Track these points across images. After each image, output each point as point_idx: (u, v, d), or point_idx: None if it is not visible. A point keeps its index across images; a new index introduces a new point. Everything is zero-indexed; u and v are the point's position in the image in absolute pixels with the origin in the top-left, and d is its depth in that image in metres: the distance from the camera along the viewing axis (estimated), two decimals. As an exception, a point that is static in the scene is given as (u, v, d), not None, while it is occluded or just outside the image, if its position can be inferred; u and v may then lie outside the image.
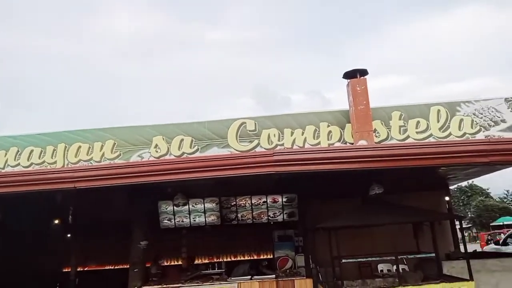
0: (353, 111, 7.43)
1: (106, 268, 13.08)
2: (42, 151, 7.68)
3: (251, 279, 6.87)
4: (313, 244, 7.78)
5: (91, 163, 7.47)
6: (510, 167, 7.35)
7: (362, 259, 6.45)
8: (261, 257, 10.33)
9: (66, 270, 11.45)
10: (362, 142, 6.76)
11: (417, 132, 7.65)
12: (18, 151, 7.72)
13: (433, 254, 6.28)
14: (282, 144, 7.62)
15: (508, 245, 12.98)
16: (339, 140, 7.53)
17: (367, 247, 7.81)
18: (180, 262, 11.93)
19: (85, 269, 12.61)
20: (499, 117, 7.71)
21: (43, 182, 4.96)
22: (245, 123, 7.80)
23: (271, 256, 9.72)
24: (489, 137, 7.17)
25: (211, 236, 12.44)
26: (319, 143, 7.69)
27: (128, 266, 11.48)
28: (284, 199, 8.01)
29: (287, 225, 9.13)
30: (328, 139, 7.65)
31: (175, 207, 7.75)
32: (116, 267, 13.02)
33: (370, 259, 6.42)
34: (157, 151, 7.73)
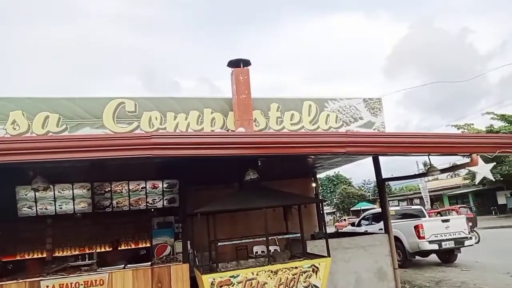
0: (236, 99, 7.66)
1: None
2: None
3: (124, 267, 6.53)
4: (192, 229, 7.83)
5: None
6: (365, 158, 8.61)
7: (237, 241, 6.73)
8: (139, 245, 9.96)
9: None
10: (241, 130, 7.03)
11: (291, 124, 8.31)
12: None
13: (299, 235, 6.93)
14: (164, 128, 7.41)
15: (361, 226, 15.21)
16: (222, 127, 7.69)
17: (243, 230, 8.21)
18: (44, 255, 10.71)
19: None
20: (358, 115, 8.93)
21: None
22: (124, 103, 7.32)
23: (149, 244, 9.45)
24: (347, 131, 8.26)
25: (82, 225, 11.49)
26: (202, 129, 7.72)
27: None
28: (165, 185, 7.82)
29: (167, 212, 8.97)
30: (211, 126, 7.74)
31: (36, 193, 6.87)
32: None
33: (244, 241, 6.74)
34: (15, 128, 6.68)
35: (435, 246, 11.15)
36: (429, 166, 7.02)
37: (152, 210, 8.92)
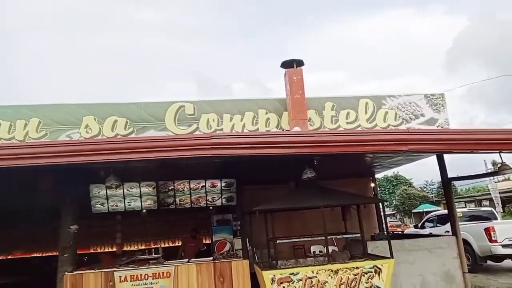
0: (290, 99, 7.71)
1: (33, 255, 12.36)
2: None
3: (188, 261, 6.88)
4: (250, 227, 8.01)
5: (13, 142, 6.88)
6: (427, 157, 8.19)
7: (295, 240, 6.78)
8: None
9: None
10: (297, 129, 7.06)
11: (347, 123, 8.16)
12: None
13: (359, 235, 6.79)
14: (221, 129, 7.67)
15: (425, 228, 14.45)
16: (276, 127, 7.78)
17: (300, 229, 8.23)
18: (114, 249, 11.63)
19: (9, 257, 11.82)
20: (419, 111, 8.51)
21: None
22: (184, 106, 7.71)
23: (210, 241, 9.84)
24: (408, 129, 7.92)
25: (148, 221, 12.31)
26: (257, 130, 7.87)
27: (57, 253, 10.96)
28: (223, 184, 8.07)
29: (225, 209, 9.28)
30: (266, 126, 7.86)
31: (108, 191, 7.46)
32: (44, 254, 12.34)
33: (302, 239, 6.77)
34: (87, 132, 7.34)
35: (510, 251, 10.25)
36: (500, 164, 6.50)
37: (211, 208, 9.30)
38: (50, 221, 11.84)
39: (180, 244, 10.18)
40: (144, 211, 8.37)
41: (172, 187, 7.92)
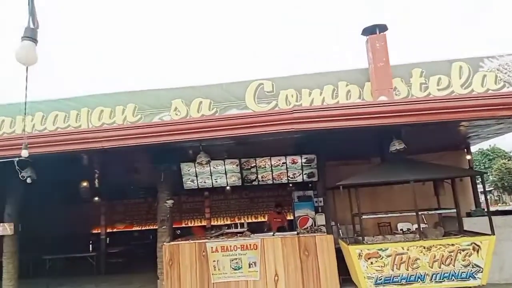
0: (372, 68, 7.28)
1: (133, 229, 13.88)
2: (66, 115, 7.93)
3: (273, 235, 7.10)
4: (333, 203, 7.92)
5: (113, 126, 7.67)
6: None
7: (382, 215, 6.55)
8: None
9: (96, 231, 12.18)
10: (382, 98, 6.67)
11: (438, 89, 7.46)
12: (43, 116, 8.00)
13: (454, 210, 6.30)
14: (300, 105, 7.59)
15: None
16: (358, 99, 7.45)
17: (387, 205, 7.92)
18: (203, 223, 12.52)
19: (114, 230, 13.42)
20: (526, 72, 7.43)
21: (72, 142, 5.16)
22: (263, 84, 7.78)
23: (291, 217, 10.00)
24: (514, 91, 6.98)
25: (232, 198, 12.96)
26: (337, 103, 7.62)
27: (153, 227, 12.15)
28: (303, 160, 8.06)
29: (306, 186, 9.29)
30: (347, 98, 7.57)
31: (197, 169, 7.96)
32: (142, 228, 13.79)
33: (390, 215, 6.52)
34: (176, 114, 7.85)
35: None
36: None
37: (291, 184, 9.38)
38: (148, 197, 13.21)
39: (265, 219, 10.52)
40: (228, 188, 8.77)
41: (254, 164, 8.14)
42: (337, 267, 6.38)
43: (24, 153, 3.55)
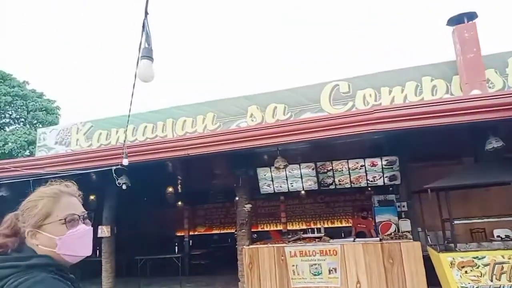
0: (461, 60, 6.66)
1: (212, 232, 14.49)
2: (153, 126, 8.61)
3: (353, 241, 6.86)
4: (420, 208, 7.39)
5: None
6: None
7: (477, 220, 5.95)
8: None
9: (180, 234, 12.97)
10: (475, 92, 6.07)
11: (539, 79, 6.60)
12: (134, 127, 8.78)
13: None
14: (380, 104, 7.26)
15: None
16: (446, 94, 6.88)
17: (481, 210, 7.18)
18: (279, 228, 12.58)
19: (195, 233, 14.15)
20: None
21: (162, 151, 5.58)
22: (338, 85, 7.61)
23: (373, 223, 9.55)
24: None
25: (307, 202, 12.83)
26: (422, 99, 7.14)
27: (231, 231, 12.55)
28: (384, 162, 7.67)
29: (387, 190, 8.83)
30: (432, 94, 7.05)
31: (273, 173, 8.04)
32: (221, 231, 14.32)
33: (486, 220, 5.89)
34: (252, 120, 8.05)
35: None
36: None
37: (369, 188, 8.95)
38: (225, 202, 13.71)
39: (342, 224, 10.22)
40: (303, 192, 8.70)
41: (331, 167, 7.96)
42: (425, 276, 5.95)
43: (125, 162, 3.92)
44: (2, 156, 16.46)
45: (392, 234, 7.48)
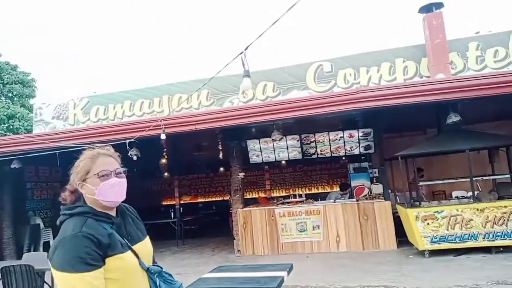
0: (429, 45, 7.60)
1: (199, 200, 15.38)
2: (150, 102, 9.12)
3: (334, 202, 7.93)
4: (391, 173, 8.49)
5: (191, 110, 8.75)
6: None
7: (438, 182, 7.06)
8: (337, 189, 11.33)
9: (169, 202, 13.75)
10: (440, 76, 7.06)
11: (495, 61, 7.66)
12: (131, 103, 9.25)
13: (508, 176, 6.70)
14: (358, 83, 8.14)
15: None
16: (415, 75, 7.85)
17: (442, 175, 8.34)
18: (263, 195, 13.61)
19: (181, 202, 14.98)
20: None
21: (170, 126, 6.18)
22: (322, 65, 8.39)
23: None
24: None
25: (287, 171, 13.86)
26: (394, 79, 8.07)
27: (215, 199, 13.43)
28: (360, 134, 8.61)
29: (360, 158, 9.87)
30: (404, 74, 7.99)
31: (261, 145, 8.84)
32: (206, 200, 15.25)
33: (446, 181, 7.01)
34: (244, 97, 8.74)
35: None
36: None
37: (344, 158, 9.91)
38: (209, 172, 14.48)
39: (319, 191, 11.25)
40: (283, 162, 9.54)
41: (314, 139, 8.85)
42: (394, 230, 7.11)
43: (163, 136, 4.55)
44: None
45: (367, 195, 8.62)
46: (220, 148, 9.82)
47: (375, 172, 9.68)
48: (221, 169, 13.09)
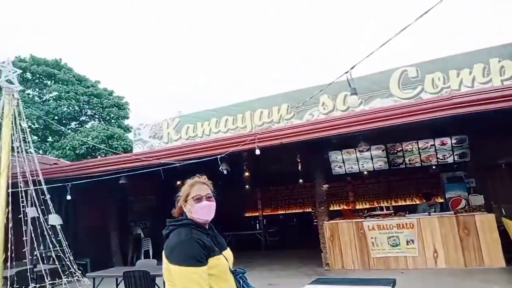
0: (533, 40, 6.88)
1: (279, 212, 15.58)
2: (234, 118, 9.62)
3: (429, 215, 7.45)
4: (492, 182, 7.74)
5: (272, 124, 9.02)
6: None
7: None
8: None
9: (251, 214, 14.14)
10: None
11: None
12: (216, 120, 9.86)
13: None
14: (448, 87, 7.65)
15: None
16: (513, 75, 7.14)
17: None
18: (346, 207, 13.28)
19: (263, 213, 15.31)
20: None
21: (263, 140, 6.42)
22: (406, 70, 8.06)
23: (441, 200, 9.91)
24: None
25: (376, 182, 13.34)
26: (489, 81, 7.44)
27: (295, 211, 13.43)
28: (454, 141, 8.06)
29: (452, 167, 9.14)
30: (500, 75, 7.33)
31: (343, 156, 8.72)
32: (286, 212, 15.37)
33: None
34: (324, 109, 8.75)
35: None
36: None
37: (434, 167, 9.25)
38: (289, 185, 14.56)
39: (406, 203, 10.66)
40: (365, 173, 9.22)
41: (401, 148, 8.49)
42: (501, 245, 6.44)
43: (257, 152, 4.83)
44: (86, 150, 18.61)
45: (466, 207, 7.94)
46: (299, 160, 9.90)
47: (472, 182, 8.92)
48: (300, 181, 13.12)
